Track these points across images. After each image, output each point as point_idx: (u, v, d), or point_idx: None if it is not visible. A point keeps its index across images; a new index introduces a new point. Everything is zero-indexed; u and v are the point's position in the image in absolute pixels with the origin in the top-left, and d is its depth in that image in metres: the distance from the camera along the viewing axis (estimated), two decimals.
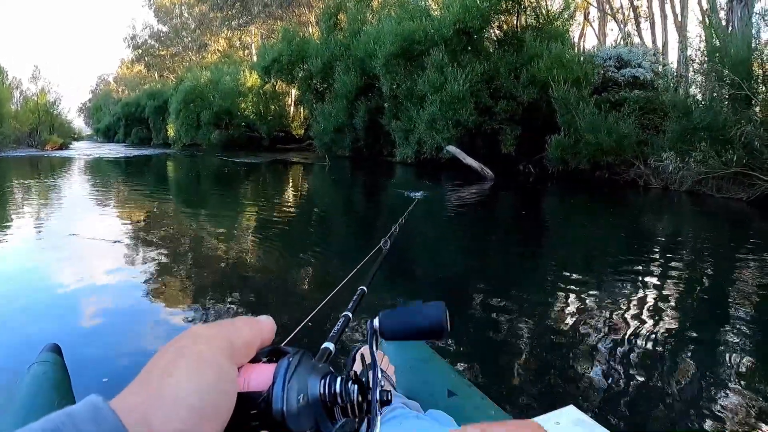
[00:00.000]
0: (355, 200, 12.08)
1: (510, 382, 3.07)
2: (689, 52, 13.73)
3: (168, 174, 20.05)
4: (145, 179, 17.50)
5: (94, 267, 5.70)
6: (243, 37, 49.13)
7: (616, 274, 5.32)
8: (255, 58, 37.15)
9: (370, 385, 0.51)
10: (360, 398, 0.48)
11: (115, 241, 6.94)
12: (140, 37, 64.30)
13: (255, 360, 0.46)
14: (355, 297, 0.80)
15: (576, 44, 22.42)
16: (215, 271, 5.53)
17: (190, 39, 57.46)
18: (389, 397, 0.50)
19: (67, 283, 5.05)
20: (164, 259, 5.98)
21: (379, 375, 0.50)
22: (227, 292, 4.72)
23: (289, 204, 10.84)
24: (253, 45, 45.65)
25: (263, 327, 0.47)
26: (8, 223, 8.44)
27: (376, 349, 0.50)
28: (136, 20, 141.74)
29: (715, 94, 12.05)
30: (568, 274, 5.35)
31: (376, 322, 0.51)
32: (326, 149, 22.37)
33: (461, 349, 3.45)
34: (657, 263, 5.81)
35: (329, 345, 0.58)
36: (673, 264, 5.80)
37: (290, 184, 15.24)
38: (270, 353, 0.47)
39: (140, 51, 65.05)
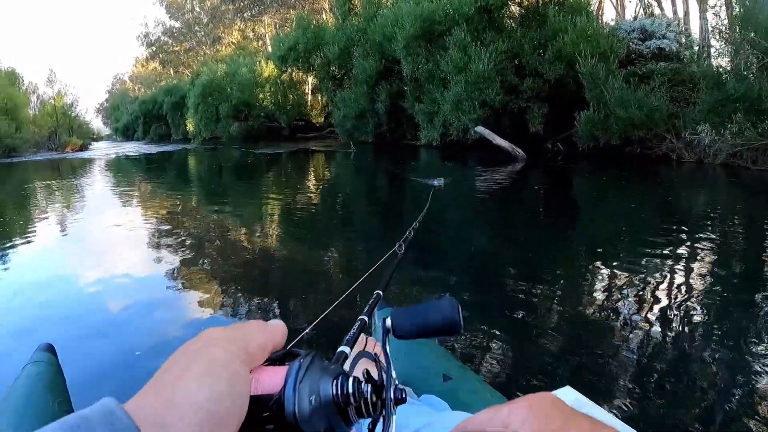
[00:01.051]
0: (379, 189, 11.75)
1: (526, 363, 3.01)
2: (713, 21, 13.38)
3: (190, 168, 20.00)
4: (167, 175, 17.52)
5: (115, 263, 5.70)
6: (256, 28, 48.93)
7: (650, 252, 5.02)
8: (269, 49, 36.97)
9: (384, 384, 0.50)
10: (374, 398, 0.47)
11: (136, 237, 7.02)
12: (153, 35, 64.45)
13: (267, 363, 0.46)
14: (371, 301, 0.78)
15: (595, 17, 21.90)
16: (234, 266, 5.46)
17: (203, 33, 57.51)
18: (404, 395, 0.48)
19: (87, 280, 5.06)
20: (183, 254, 5.95)
21: (393, 374, 0.48)
22: (245, 289, 4.66)
23: (315, 195, 10.61)
24: (267, 35, 45.36)
25: (275, 331, 0.47)
26: (30, 224, 8.55)
27: (388, 348, 0.48)
28: (148, 18, 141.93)
29: (748, 64, 11.67)
30: (601, 252, 5.17)
31: (388, 321, 0.49)
32: (348, 136, 22.08)
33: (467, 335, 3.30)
34: (691, 239, 5.54)
35: (345, 349, 0.57)
36: (708, 240, 5.54)
37: (315, 173, 15.02)
38: (282, 356, 0.47)
39: (154, 48, 65.24)
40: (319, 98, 31.24)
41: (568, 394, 1.44)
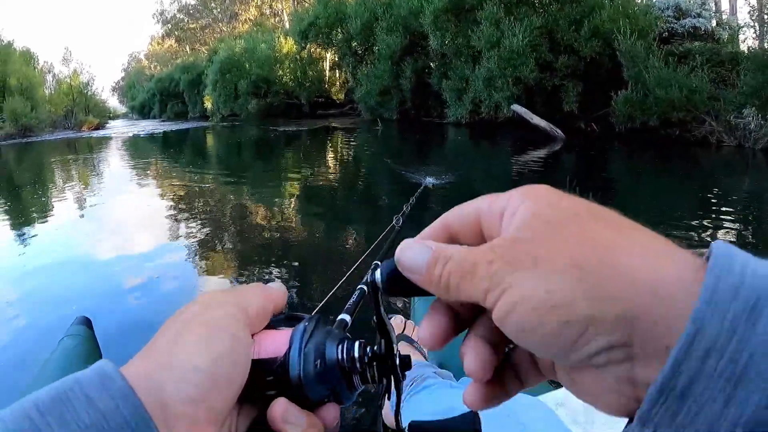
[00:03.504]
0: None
1: None
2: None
3: (210, 146, 19.76)
4: (186, 153, 17.22)
5: (132, 240, 5.81)
6: (273, 4, 48.43)
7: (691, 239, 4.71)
8: (287, 25, 36.54)
9: (390, 350, 0.46)
10: (379, 362, 0.45)
11: (159, 214, 7.08)
12: (169, 12, 64.44)
13: (268, 327, 0.45)
14: (370, 271, 0.54)
15: None
16: (251, 242, 5.49)
17: (219, 10, 57.17)
18: (409, 360, 0.46)
19: (105, 257, 5.17)
20: (201, 231, 6.02)
21: (394, 338, 0.45)
22: (259, 262, 4.68)
23: (344, 173, 10.17)
24: (284, 11, 44.87)
25: (275, 293, 0.45)
26: (49, 202, 8.72)
27: (382, 304, 0.43)
28: None
29: None
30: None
31: (377, 274, 0.41)
32: (372, 112, 21.56)
33: None
34: (734, 227, 5.22)
35: (345, 316, 0.56)
36: (748, 227, 5.24)
37: (343, 151, 14.41)
38: (283, 320, 0.46)
39: (170, 26, 65.29)
40: (338, 75, 30.79)
41: None
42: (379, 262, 0.75)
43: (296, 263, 4.54)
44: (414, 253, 0.35)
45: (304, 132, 20.26)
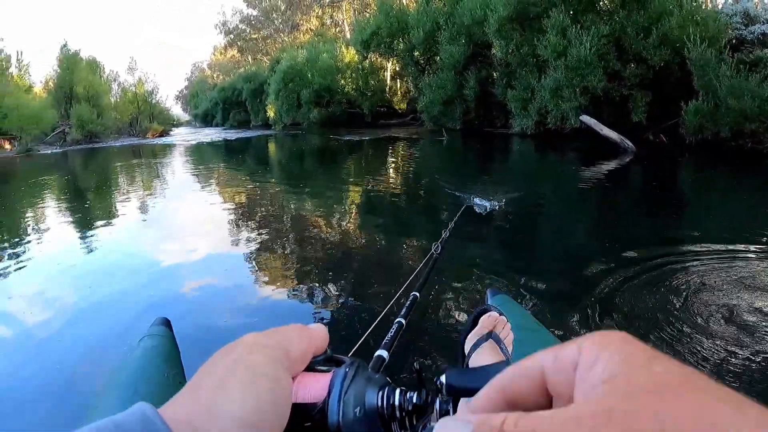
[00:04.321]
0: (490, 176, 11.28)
1: None
2: None
3: (274, 154, 20.08)
4: (251, 160, 17.58)
5: (199, 245, 5.97)
6: (334, 14, 49.01)
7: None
8: (347, 35, 36.84)
9: (429, 399, 0.47)
10: (420, 406, 0.46)
11: (218, 220, 7.29)
12: (231, 23, 65.84)
13: (309, 369, 0.45)
14: (408, 303, 0.80)
15: None
16: (305, 253, 5.46)
17: (280, 20, 58.13)
18: (449, 408, 0.46)
19: (173, 260, 5.31)
20: (267, 237, 6.12)
21: (441, 398, 0.46)
22: (322, 274, 4.65)
23: (412, 185, 10.12)
24: (344, 21, 45.37)
25: (316, 336, 0.47)
26: (119, 205, 9.01)
27: (438, 406, 0.45)
28: (225, 6, 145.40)
29: None
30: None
31: (443, 378, 0.43)
32: (435, 122, 21.52)
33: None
34: None
35: (383, 353, 0.60)
36: None
37: (411, 162, 14.36)
38: (325, 361, 0.47)
39: (232, 36, 66.65)
40: (399, 84, 30.91)
41: None
42: (417, 294, 1.20)
43: (341, 280, 4.49)
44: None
45: (366, 141, 20.42)
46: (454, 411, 0.45)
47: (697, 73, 12.73)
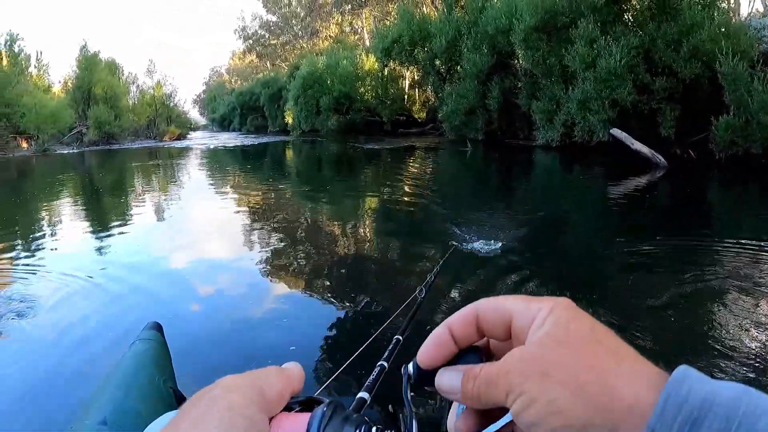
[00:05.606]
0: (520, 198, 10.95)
1: None
2: None
3: (291, 160, 19.98)
4: (267, 166, 17.58)
5: (204, 249, 6.12)
6: (354, 21, 48.97)
7: None
8: (367, 42, 36.73)
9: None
10: None
11: (227, 225, 7.42)
12: (250, 28, 66.07)
13: (287, 409, 0.46)
14: (390, 346, 0.76)
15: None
16: (311, 261, 5.60)
17: (300, 27, 58.25)
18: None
19: (179, 264, 5.40)
20: (272, 248, 6.15)
21: (414, 423, 0.48)
22: (310, 286, 4.76)
23: (438, 203, 9.75)
24: (364, 29, 45.32)
25: (292, 376, 0.47)
26: (130, 208, 9.23)
27: (410, 394, 0.47)
28: (245, 11, 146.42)
29: None
30: None
31: (410, 367, 0.47)
32: (456, 132, 21.19)
33: None
34: None
35: (364, 394, 0.56)
36: None
37: (435, 175, 13.98)
38: (302, 403, 0.47)
39: (251, 42, 66.89)
40: (417, 93, 30.71)
41: None
42: (400, 337, 0.83)
43: (337, 293, 4.54)
44: (450, 379, 0.41)
45: (386, 150, 20.21)
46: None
47: (729, 87, 12.34)
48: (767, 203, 8.68)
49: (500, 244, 5.57)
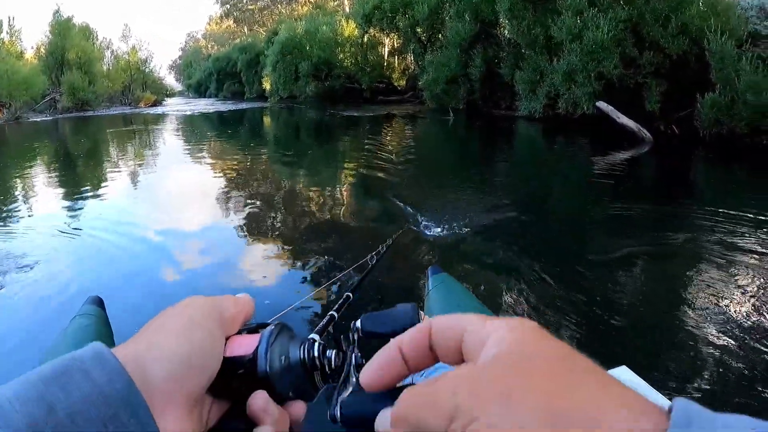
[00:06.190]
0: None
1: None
2: None
3: (269, 127, 19.69)
4: (244, 133, 17.28)
5: (178, 219, 5.96)
6: None
7: None
8: (347, 8, 36.07)
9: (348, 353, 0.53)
10: (338, 363, 0.51)
11: (203, 193, 7.30)
12: None
13: (240, 333, 0.51)
14: (341, 300, 0.82)
15: None
16: (287, 224, 5.63)
17: None
18: (364, 361, 0.49)
19: (148, 234, 5.24)
20: (247, 213, 6.09)
21: (356, 352, 0.52)
22: (294, 252, 4.70)
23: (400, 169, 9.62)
24: None
25: (245, 303, 0.53)
26: (100, 175, 9.03)
27: (356, 344, 0.52)
28: None
29: None
30: None
31: (358, 323, 0.52)
32: (437, 101, 20.75)
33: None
34: None
35: (315, 336, 0.58)
36: None
37: (422, 143, 13.74)
38: (252, 329, 0.51)
39: (228, 6, 65.64)
40: (397, 61, 30.26)
41: (623, 374, 1.48)
42: (350, 294, 0.89)
43: (296, 253, 4.58)
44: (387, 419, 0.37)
45: (367, 118, 19.83)
46: (367, 360, 0.47)
47: (716, 65, 12.22)
48: (750, 181, 8.70)
49: (470, 217, 5.37)
